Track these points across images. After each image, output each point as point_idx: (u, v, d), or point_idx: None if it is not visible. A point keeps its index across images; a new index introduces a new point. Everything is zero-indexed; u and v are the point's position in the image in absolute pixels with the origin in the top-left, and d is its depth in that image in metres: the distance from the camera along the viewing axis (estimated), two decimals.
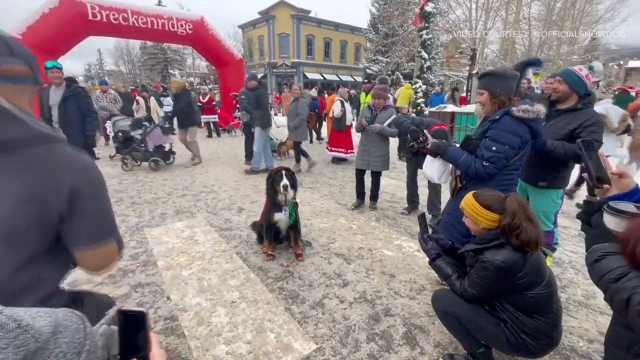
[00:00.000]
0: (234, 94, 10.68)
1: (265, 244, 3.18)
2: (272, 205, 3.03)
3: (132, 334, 0.68)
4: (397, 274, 2.89)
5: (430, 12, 10.94)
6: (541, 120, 2.12)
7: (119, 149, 6.73)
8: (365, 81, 12.83)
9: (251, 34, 35.04)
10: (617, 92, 8.30)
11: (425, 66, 11.18)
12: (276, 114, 17.24)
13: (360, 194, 4.52)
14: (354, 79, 34.37)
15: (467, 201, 1.73)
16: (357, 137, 4.81)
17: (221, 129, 11.68)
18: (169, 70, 39.25)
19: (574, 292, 2.66)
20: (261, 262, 3.07)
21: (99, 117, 7.46)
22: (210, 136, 11.23)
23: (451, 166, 2.44)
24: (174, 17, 10.83)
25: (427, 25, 10.97)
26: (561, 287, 2.71)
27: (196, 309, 2.40)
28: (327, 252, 3.28)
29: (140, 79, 39.46)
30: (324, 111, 9.41)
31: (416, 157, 4.02)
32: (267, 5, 32.25)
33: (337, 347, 2.05)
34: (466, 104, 11.72)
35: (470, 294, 1.69)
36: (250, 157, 6.52)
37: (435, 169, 2.52)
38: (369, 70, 24.66)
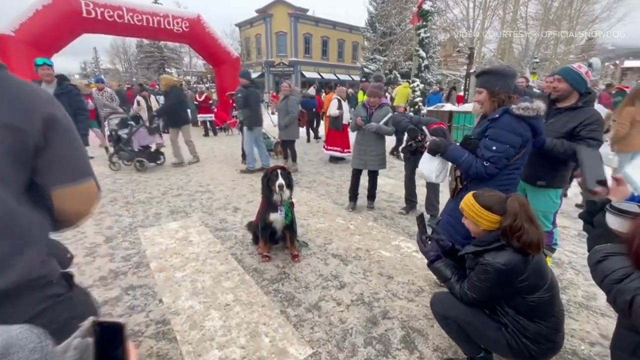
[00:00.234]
0: (230, 93, 10.59)
1: (260, 244, 3.12)
2: (268, 205, 2.97)
3: (109, 347, 0.63)
4: (395, 275, 2.84)
5: (428, 11, 10.90)
6: (541, 117, 2.07)
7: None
8: (363, 80, 12.77)
9: (248, 33, 34.88)
10: (614, 92, 8.33)
11: (423, 65, 11.14)
12: (273, 113, 17.15)
13: (354, 195, 4.46)
14: (352, 77, 34.31)
15: (467, 202, 1.68)
16: (353, 136, 4.76)
17: (218, 127, 11.59)
18: (166, 68, 39.00)
19: (574, 293, 2.62)
20: (256, 264, 3.01)
21: (101, 116, 7.31)
22: (206, 135, 11.14)
23: (450, 165, 2.38)
24: (169, 15, 10.72)
25: (425, 23, 10.93)
26: (561, 288, 2.67)
27: (189, 312, 2.34)
28: (324, 253, 3.23)
29: (136, 77, 39.21)
30: (322, 110, 9.35)
31: (414, 156, 3.98)
32: (264, 3, 32.11)
33: (334, 352, 2.00)
34: (464, 103, 11.70)
35: (470, 298, 1.64)
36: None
37: (433, 168, 2.45)
38: (366, 69, 24.59)
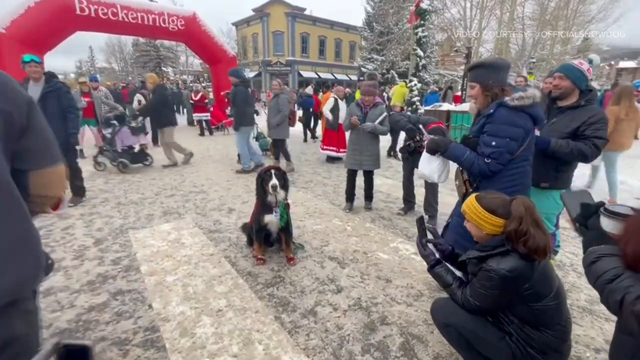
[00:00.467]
0: (226, 92, 10.47)
1: (255, 247, 3.03)
2: (263, 206, 2.88)
3: None
4: (394, 279, 2.76)
5: (425, 10, 10.82)
6: (539, 104, 2.00)
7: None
8: (361, 79, 12.71)
9: (245, 32, 34.69)
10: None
11: (420, 64, 11.06)
12: None
13: (350, 196, 4.37)
14: (349, 77, 34.24)
15: (469, 204, 1.60)
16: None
17: (214, 127, 11.47)
18: (162, 67, 38.73)
19: (577, 297, 2.56)
20: (250, 267, 2.92)
21: (99, 114, 7.11)
22: (202, 134, 11.01)
23: (451, 165, 2.30)
24: (165, 13, 10.59)
25: (422, 22, 10.85)
26: None
27: (179, 318, 2.25)
28: (320, 256, 3.14)
29: (132, 76, 38.93)
30: (320, 109, 9.27)
31: (412, 156, 3.91)
32: (261, 2, 31.95)
33: None
34: (461, 103, 11.66)
35: (472, 305, 1.57)
36: None
37: (435, 168, 2.36)
38: (364, 68, 24.48)
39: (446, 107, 9.70)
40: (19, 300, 0.87)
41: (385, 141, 6.73)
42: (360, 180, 4.34)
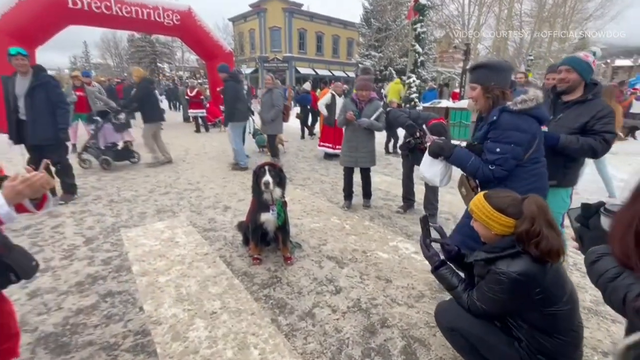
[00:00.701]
0: (221, 88, 10.32)
1: (251, 246, 2.94)
2: (259, 204, 2.79)
3: None
4: (394, 279, 2.68)
5: (424, 5, 10.72)
6: (542, 104, 1.92)
7: None
8: (358, 75, 12.60)
9: (242, 27, 34.39)
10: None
11: (419, 61, 10.97)
12: None
13: (349, 194, 4.28)
14: (347, 74, 34.09)
15: (477, 203, 1.51)
16: None
17: (210, 124, 11.32)
18: (158, 63, 38.38)
19: (582, 297, 2.48)
20: (246, 267, 2.82)
21: (93, 110, 6.93)
22: (198, 131, 10.86)
23: (454, 169, 2.21)
24: (159, 7, 10.43)
25: (421, 18, 10.75)
26: None
27: (172, 321, 2.15)
28: (318, 255, 3.06)
29: (128, 72, 38.52)
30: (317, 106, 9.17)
31: (412, 153, 3.82)
32: None
33: None
34: (459, 100, 11.60)
35: (479, 309, 1.49)
36: None
37: (437, 172, 2.26)
38: (361, 65, 24.39)
39: (445, 104, 9.63)
40: None
41: (380, 137, 6.65)
42: (357, 177, 4.25)
